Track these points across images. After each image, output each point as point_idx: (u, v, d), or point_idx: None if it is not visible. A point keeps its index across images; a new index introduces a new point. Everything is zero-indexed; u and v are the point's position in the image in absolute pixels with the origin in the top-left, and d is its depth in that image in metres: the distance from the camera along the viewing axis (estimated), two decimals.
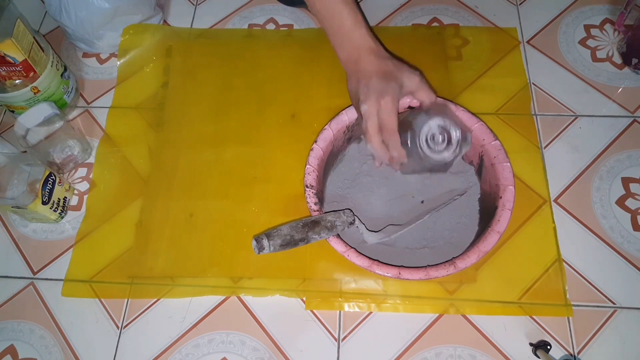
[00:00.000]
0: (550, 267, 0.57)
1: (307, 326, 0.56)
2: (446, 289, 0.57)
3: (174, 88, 0.72)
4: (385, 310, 0.56)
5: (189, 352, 0.56)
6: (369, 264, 0.50)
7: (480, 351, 0.54)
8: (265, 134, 0.67)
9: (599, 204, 0.61)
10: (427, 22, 0.76)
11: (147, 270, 0.59)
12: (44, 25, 0.81)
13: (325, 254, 0.58)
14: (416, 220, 0.56)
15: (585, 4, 0.75)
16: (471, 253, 0.50)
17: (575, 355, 0.53)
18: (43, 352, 0.57)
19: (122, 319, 0.58)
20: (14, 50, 0.59)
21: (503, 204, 0.52)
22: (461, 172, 0.60)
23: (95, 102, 0.73)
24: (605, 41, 0.72)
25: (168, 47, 0.75)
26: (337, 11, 0.53)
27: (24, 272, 0.61)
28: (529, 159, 0.63)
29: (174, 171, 0.65)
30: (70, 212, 0.65)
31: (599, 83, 0.69)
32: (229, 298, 0.58)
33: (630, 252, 0.58)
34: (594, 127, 0.65)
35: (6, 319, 0.59)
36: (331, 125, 0.57)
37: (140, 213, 0.63)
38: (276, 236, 0.47)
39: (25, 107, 0.65)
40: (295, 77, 0.70)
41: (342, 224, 0.51)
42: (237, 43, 0.75)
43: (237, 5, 0.80)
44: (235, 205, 0.62)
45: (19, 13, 0.61)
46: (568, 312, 0.55)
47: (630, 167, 0.63)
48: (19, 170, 0.60)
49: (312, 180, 0.54)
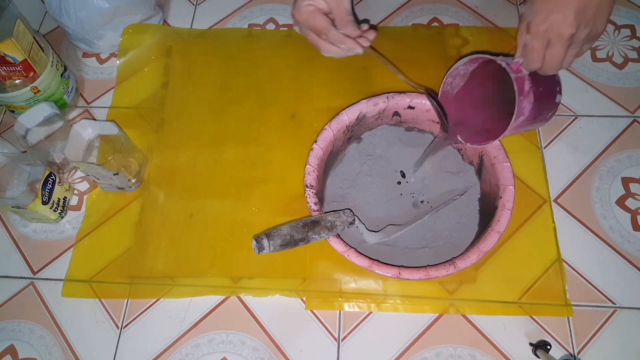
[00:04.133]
0: (550, 267, 0.57)
1: (307, 326, 0.56)
2: (446, 289, 0.57)
3: (173, 88, 0.72)
4: (385, 310, 0.56)
5: (189, 352, 0.56)
6: (369, 264, 0.50)
7: (480, 351, 0.54)
8: (265, 134, 0.67)
9: (599, 203, 0.61)
10: (427, 22, 0.76)
11: (147, 270, 0.59)
12: (44, 25, 0.81)
13: (325, 254, 0.58)
14: (416, 220, 0.56)
15: None
16: (471, 253, 0.50)
17: (575, 355, 0.53)
18: (43, 352, 0.57)
19: (122, 319, 0.58)
20: (14, 50, 0.59)
21: (503, 204, 0.52)
22: (461, 172, 0.60)
23: (95, 102, 0.73)
24: (606, 41, 0.72)
25: (168, 47, 0.75)
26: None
27: (23, 272, 0.61)
28: (529, 158, 0.63)
29: (174, 171, 0.65)
30: (70, 212, 0.65)
31: (599, 83, 0.69)
32: (229, 298, 0.58)
33: (630, 252, 0.58)
34: (594, 127, 0.65)
35: (6, 319, 0.59)
36: (331, 125, 0.57)
37: (140, 213, 0.63)
38: (276, 236, 0.47)
39: (25, 107, 0.65)
40: (295, 77, 0.70)
41: (342, 224, 0.51)
42: (237, 43, 0.75)
43: (237, 5, 0.80)
44: (235, 205, 0.62)
45: (18, 13, 0.61)
46: (568, 312, 0.55)
47: (630, 167, 0.63)
48: (19, 170, 0.60)
49: (312, 180, 0.54)
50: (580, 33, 0.46)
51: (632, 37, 0.72)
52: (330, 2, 0.55)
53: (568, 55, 0.48)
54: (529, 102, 0.50)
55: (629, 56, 0.70)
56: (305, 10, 0.55)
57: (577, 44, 0.47)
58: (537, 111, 0.51)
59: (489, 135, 0.53)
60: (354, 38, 0.55)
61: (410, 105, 0.59)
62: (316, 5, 0.55)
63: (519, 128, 0.52)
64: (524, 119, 0.51)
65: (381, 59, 0.57)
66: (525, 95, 0.50)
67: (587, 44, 0.48)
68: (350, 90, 0.59)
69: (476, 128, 0.55)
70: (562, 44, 0.46)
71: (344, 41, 0.55)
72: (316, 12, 0.55)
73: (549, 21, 0.46)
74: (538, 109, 0.51)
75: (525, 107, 0.50)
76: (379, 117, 0.60)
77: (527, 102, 0.50)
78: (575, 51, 0.48)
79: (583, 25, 0.46)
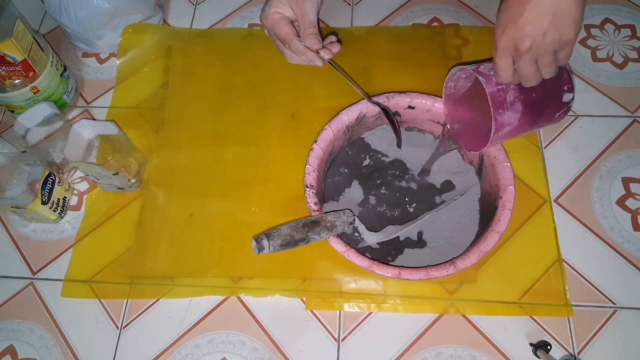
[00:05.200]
0: (551, 267, 0.57)
1: (307, 326, 0.56)
2: (446, 289, 0.57)
3: (173, 88, 0.72)
4: (385, 311, 0.56)
5: (188, 352, 0.56)
6: (369, 264, 0.50)
7: (480, 351, 0.54)
8: (265, 133, 0.67)
9: (599, 203, 0.61)
10: (427, 22, 0.76)
11: (147, 271, 0.59)
12: (43, 25, 0.81)
13: (325, 254, 0.58)
14: (416, 220, 0.56)
15: (585, 4, 0.75)
16: (471, 253, 0.50)
17: (576, 355, 0.53)
18: (43, 352, 0.57)
19: (121, 319, 0.58)
20: (14, 50, 0.59)
21: (503, 204, 0.52)
22: (461, 172, 0.60)
23: (94, 102, 0.73)
24: (606, 41, 0.72)
25: (168, 46, 0.75)
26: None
27: (23, 272, 0.61)
28: (529, 158, 0.63)
29: (174, 171, 0.65)
30: (69, 212, 0.65)
31: (599, 83, 0.68)
32: (229, 298, 0.58)
33: (631, 252, 0.58)
34: (594, 127, 0.65)
35: (6, 319, 0.59)
36: (331, 125, 0.57)
37: (140, 213, 0.63)
38: (276, 236, 0.47)
39: (25, 107, 0.65)
40: (295, 77, 0.70)
41: (342, 224, 0.51)
42: (237, 43, 0.75)
43: (237, 5, 0.80)
44: (235, 205, 0.62)
45: (18, 13, 0.61)
46: (568, 312, 0.55)
47: (631, 167, 0.63)
48: (19, 170, 0.60)
49: (312, 180, 0.54)
50: (544, 43, 0.44)
51: (632, 37, 0.72)
52: (296, 11, 0.56)
53: (542, 65, 0.45)
54: (515, 111, 0.49)
55: (629, 56, 0.70)
56: (271, 18, 0.57)
57: (546, 53, 0.45)
58: (533, 115, 0.50)
59: (479, 142, 0.53)
60: (315, 50, 0.56)
61: (410, 105, 0.59)
62: (283, 13, 0.56)
63: (511, 135, 0.51)
64: (512, 128, 0.50)
65: (340, 71, 0.59)
66: (509, 106, 0.48)
67: (563, 50, 0.45)
68: (350, 90, 0.59)
69: (478, 131, 0.55)
70: (523, 58, 0.45)
71: (305, 53, 0.56)
72: (282, 20, 0.56)
73: (506, 36, 0.45)
74: (535, 113, 0.50)
75: (510, 117, 0.49)
76: (379, 117, 0.60)
77: (513, 111, 0.49)
78: (548, 60, 0.45)
79: (541, 35, 0.44)
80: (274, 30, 0.57)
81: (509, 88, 0.49)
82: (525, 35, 0.44)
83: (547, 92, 0.51)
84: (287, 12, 0.56)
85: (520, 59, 0.45)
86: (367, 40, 0.73)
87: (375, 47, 0.72)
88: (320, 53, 0.57)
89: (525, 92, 0.49)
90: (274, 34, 0.58)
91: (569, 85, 0.51)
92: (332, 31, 0.72)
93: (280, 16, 0.56)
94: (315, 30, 0.56)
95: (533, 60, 0.45)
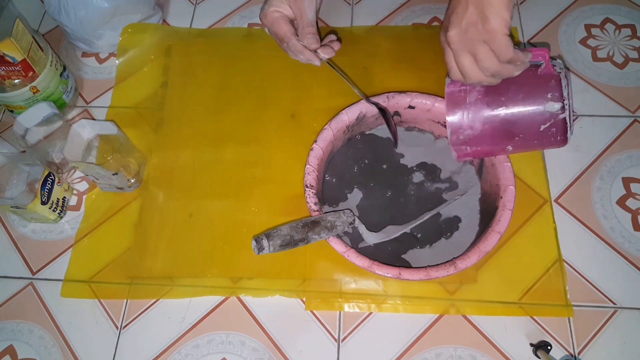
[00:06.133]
0: (551, 268, 0.57)
1: (307, 327, 0.56)
2: (446, 289, 0.56)
3: (173, 88, 0.71)
4: (385, 311, 0.56)
5: (188, 352, 0.56)
6: (369, 264, 0.50)
7: (480, 352, 0.54)
8: (265, 134, 0.67)
9: (600, 204, 0.61)
10: (427, 21, 0.75)
11: (147, 271, 0.59)
12: (43, 24, 0.81)
13: (325, 254, 0.58)
14: (416, 221, 0.56)
15: (586, 4, 0.75)
16: (471, 253, 0.50)
17: (576, 355, 0.53)
18: (42, 353, 0.57)
19: (121, 320, 0.58)
20: (13, 49, 0.59)
21: (503, 204, 0.52)
22: (461, 172, 0.60)
23: (94, 102, 0.72)
24: (606, 41, 0.72)
25: (167, 46, 0.75)
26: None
27: (23, 273, 0.61)
28: (530, 158, 0.63)
29: (173, 171, 0.65)
30: (69, 212, 0.64)
31: (599, 83, 0.68)
32: (229, 298, 0.58)
33: (631, 252, 0.58)
34: (595, 127, 0.65)
35: (5, 319, 0.59)
36: (331, 125, 0.57)
37: (140, 213, 0.63)
38: (276, 236, 0.47)
39: (24, 107, 0.65)
40: (295, 77, 0.70)
41: (342, 224, 0.51)
42: (236, 43, 0.75)
43: (237, 4, 0.79)
44: (235, 205, 0.62)
45: (18, 12, 0.60)
46: (568, 313, 0.55)
47: (631, 167, 0.63)
48: (18, 170, 0.60)
49: (312, 180, 0.54)
50: (468, 31, 0.43)
51: (632, 37, 0.72)
52: (295, 10, 0.56)
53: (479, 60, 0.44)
54: (477, 113, 0.47)
55: (630, 56, 0.70)
56: (270, 16, 0.57)
57: (477, 45, 0.44)
58: (504, 123, 0.48)
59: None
60: (313, 50, 0.56)
61: (410, 105, 0.59)
62: (282, 12, 0.56)
63: (486, 143, 0.49)
64: (478, 133, 0.48)
65: (338, 71, 0.59)
66: (469, 107, 0.47)
67: (495, 42, 0.43)
68: (350, 90, 0.59)
69: None
70: (455, 51, 0.45)
71: (302, 52, 0.56)
72: (281, 19, 0.56)
73: (442, 29, 0.46)
74: (507, 121, 0.48)
75: (472, 119, 0.47)
76: (379, 117, 0.60)
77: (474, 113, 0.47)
78: (483, 54, 0.43)
79: (464, 23, 0.43)
80: (272, 29, 0.57)
81: (473, 89, 0.48)
82: (450, 23, 0.44)
83: (522, 97, 0.47)
84: (286, 10, 0.56)
85: (455, 53, 0.45)
86: (367, 40, 0.73)
87: (375, 47, 0.72)
88: (318, 52, 0.56)
89: (491, 94, 0.47)
90: (272, 33, 0.58)
91: (555, 94, 0.45)
92: (332, 30, 0.72)
93: (279, 15, 0.56)
94: (314, 30, 0.56)
95: (466, 52, 0.45)
